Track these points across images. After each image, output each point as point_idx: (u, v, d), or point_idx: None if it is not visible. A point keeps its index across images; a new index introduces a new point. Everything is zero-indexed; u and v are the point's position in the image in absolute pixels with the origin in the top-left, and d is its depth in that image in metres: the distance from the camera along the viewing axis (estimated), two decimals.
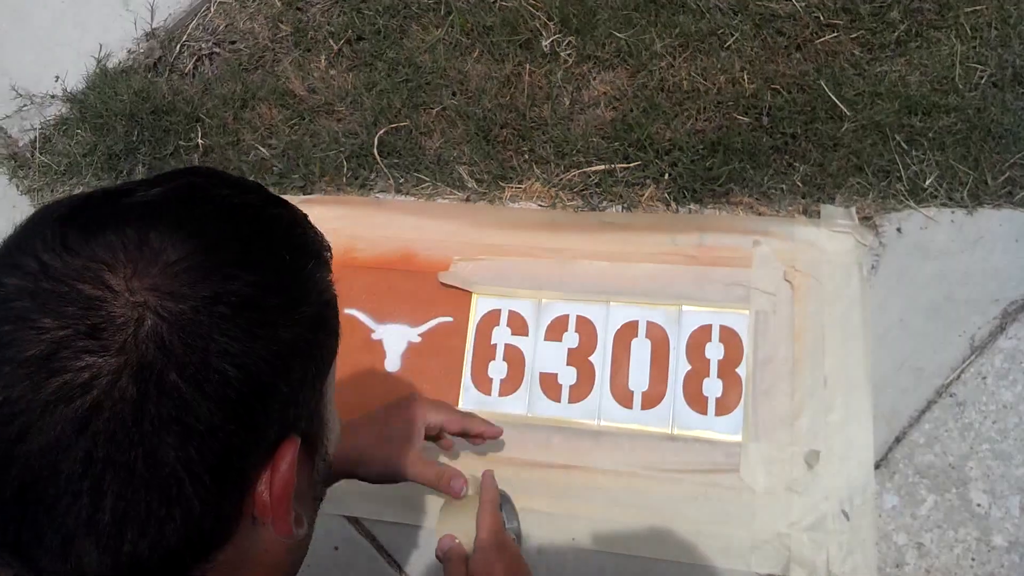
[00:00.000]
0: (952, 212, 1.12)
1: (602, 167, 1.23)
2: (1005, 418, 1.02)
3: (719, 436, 1.08)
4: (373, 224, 1.29)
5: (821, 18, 1.23)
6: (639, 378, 1.13)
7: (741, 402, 1.08)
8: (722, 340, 1.12)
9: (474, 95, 1.31)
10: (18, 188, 1.50)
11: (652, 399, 1.11)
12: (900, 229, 1.13)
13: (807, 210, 1.16)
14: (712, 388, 1.10)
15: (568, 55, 1.29)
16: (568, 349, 1.16)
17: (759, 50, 1.24)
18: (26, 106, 1.55)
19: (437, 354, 1.20)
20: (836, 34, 1.22)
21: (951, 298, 1.08)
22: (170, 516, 0.38)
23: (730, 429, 1.08)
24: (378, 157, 1.32)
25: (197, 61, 1.49)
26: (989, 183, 1.11)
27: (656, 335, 1.14)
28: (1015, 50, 1.16)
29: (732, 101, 1.22)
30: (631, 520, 1.07)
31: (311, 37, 1.43)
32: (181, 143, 1.42)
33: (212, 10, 1.52)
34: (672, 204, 1.21)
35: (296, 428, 0.45)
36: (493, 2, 1.36)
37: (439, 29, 1.36)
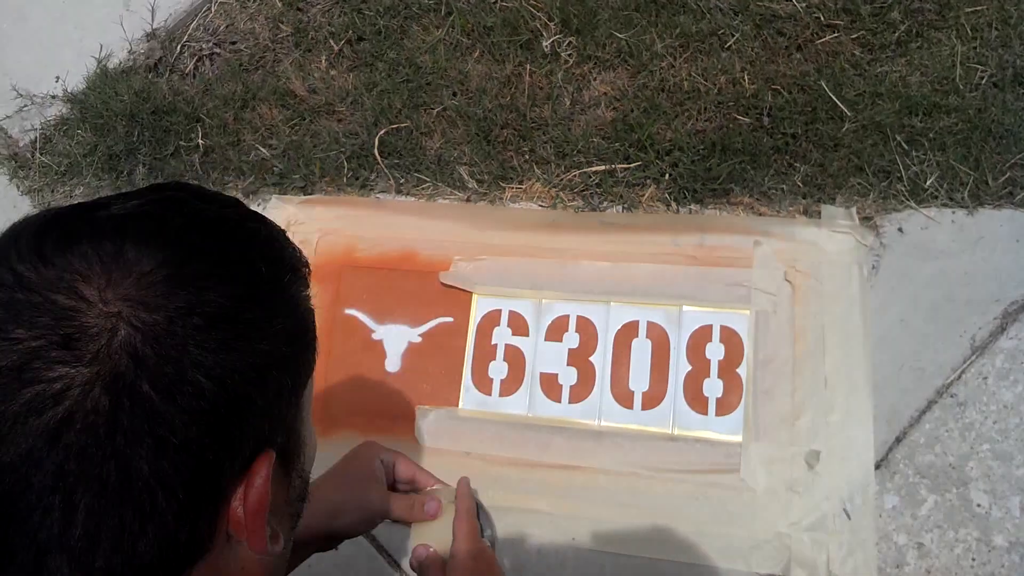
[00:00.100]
0: (953, 212, 1.12)
1: (603, 167, 1.23)
2: (1006, 418, 1.02)
3: (719, 436, 1.08)
4: (374, 224, 1.29)
5: (822, 18, 1.23)
6: (640, 378, 1.13)
7: (742, 402, 1.08)
8: (723, 340, 1.12)
9: (475, 95, 1.31)
10: (19, 188, 1.50)
11: (653, 399, 1.11)
12: (901, 229, 1.13)
13: (808, 210, 1.16)
14: (713, 388, 1.10)
15: (569, 55, 1.29)
16: (569, 349, 1.16)
17: (760, 50, 1.24)
18: (27, 106, 1.55)
19: (438, 354, 1.20)
20: (837, 34, 1.22)
21: (952, 298, 1.08)
22: (143, 531, 0.38)
23: (730, 429, 1.08)
24: (379, 157, 1.32)
25: (198, 61, 1.49)
26: (990, 183, 1.11)
27: (657, 335, 1.14)
28: (1015, 50, 1.16)
29: (733, 101, 1.22)
30: (631, 520, 1.07)
31: (312, 37, 1.43)
32: (182, 143, 1.42)
33: (213, 10, 1.53)
34: (673, 204, 1.21)
35: (271, 442, 0.44)
36: (494, 2, 1.36)
37: (440, 29, 1.37)
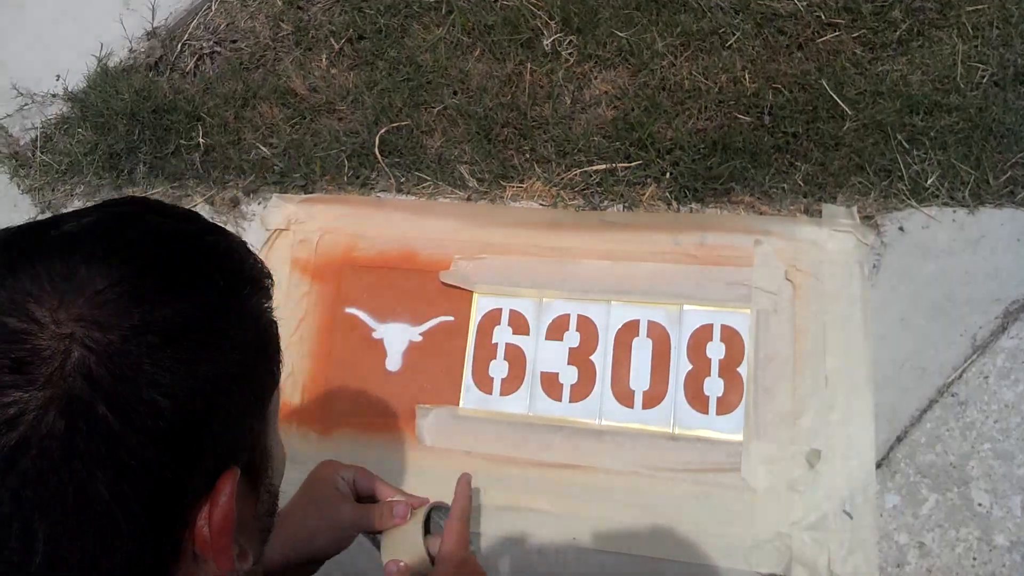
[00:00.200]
0: (954, 211, 1.12)
1: (603, 166, 1.23)
2: (1007, 417, 1.02)
3: (720, 435, 1.08)
4: (374, 223, 1.29)
5: (823, 17, 1.23)
6: (640, 377, 1.13)
7: (742, 401, 1.08)
8: (723, 339, 1.11)
9: (475, 94, 1.31)
10: (19, 187, 1.50)
11: (653, 398, 1.11)
12: (902, 228, 1.13)
13: (809, 209, 1.16)
14: (713, 387, 1.10)
15: (569, 54, 1.29)
16: (569, 348, 1.16)
17: (760, 49, 1.24)
18: (27, 105, 1.55)
19: (438, 353, 1.20)
20: (838, 33, 1.22)
21: (953, 297, 1.08)
22: (106, 555, 0.37)
23: (731, 428, 1.08)
24: (379, 156, 1.32)
25: (198, 60, 1.49)
26: (991, 182, 1.11)
27: (657, 334, 1.14)
28: (1017, 49, 1.16)
29: (733, 100, 1.22)
30: (632, 519, 1.07)
31: (312, 36, 1.43)
32: (182, 142, 1.42)
33: (213, 9, 1.52)
34: (673, 203, 1.21)
35: (236, 459, 0.43)
36: (494, 1, 1.36)
37: (440, 28, 1.36)
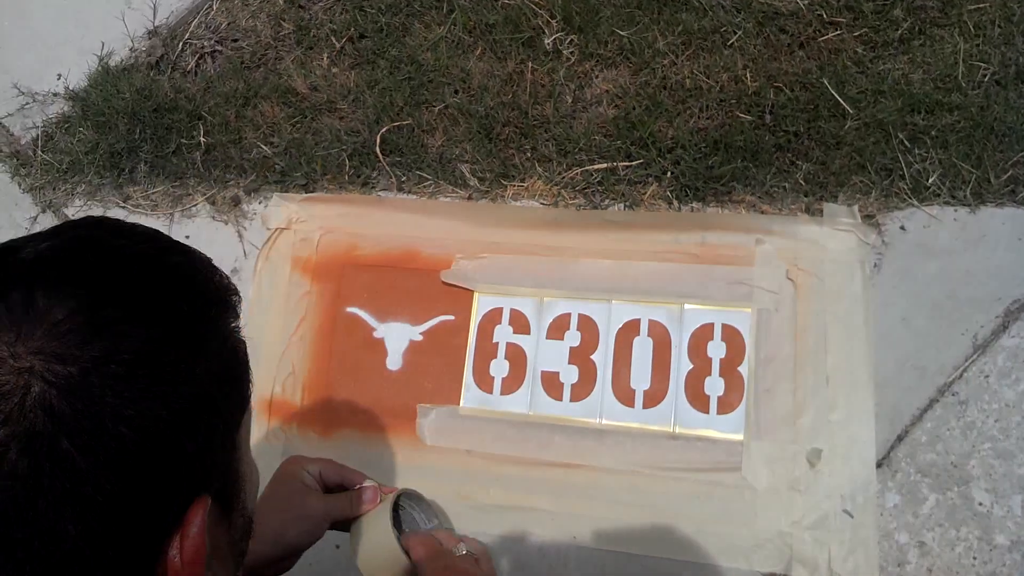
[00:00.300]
0: (955, 210, 1.12)
1: (604, 165, 1.23)
2: (1007, 417, 1.02)
3: (721, 435, 1.08)
4: (375, 222, 1.29)
5: (824, 16, 1.22)
6: (641, 377, 1.13)
7: (743, 401, 1.08)
8: (724, 338, 1.11)
9: (476, 93, 1.31)
10: (20, 186, 1.50)
11: (654, 398, 1.11)
12: (903, 227, 1.13)
13: (810, 208, 1.16)
14: (714, 386, 1.10)
15: (570, 53, 1.29)
16: (570, 347, 1.16)
17: (762, 48, 1.24)
18: (28, 104, 1.55)
19: (439, 353, 1.20)
20: (839, 32, 1.22)
21: (954, 296, 1.08)
22: None
23: (732, 428, 1.08)
24: (380, 155, 1.32)
25: (199, 59, 1.49)
26: (992, 181, 1.11)
27: (658, 333, 1.14)
28: (1018, 48, 1.16)
29: (735, 99, 1.22)
30: (633, 519, 1.07)
31: (313, 35, 1.43)
32: (183, 141, 1.42)
33: (214, 8, 1.52)
34: (674, 202, 1.21)
35: (206, 487, 0.43)
36: (495, 0, 1.36)
37: (441, 27, 1.36)
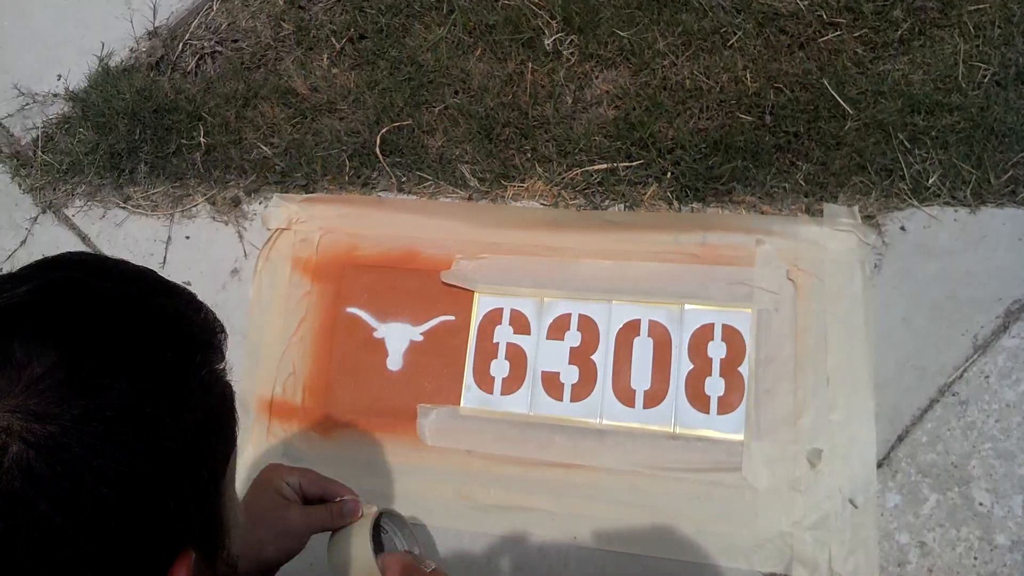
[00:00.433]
0: (955, 211, 1.12)
1: (604, 166, 1.23)
2: (1008, 417, 1.02)
3: (721, 435, 1.08)
4: (375, 223, 1.29)
5: (824, 16, 1.22)
6: (641, 377, 1.13)
7: (743, 401, 1.08)
8: (724, 339, 1.11)
9: (476, 94, 1.31)
10: (20, 187, 1.50)
11: (654, 398, 1.11)
12: (903, 228, 1.13)
13: (810, 209, 1.16)
14: (714, 387, 1.10)
15: (571, 54, 1.29)
16: (570, 348, 1.16)
17: (762, 49, 1.24)
18: (28, 105, 1.55)
19: (439, 353, 1.20)
20: (839, 32, 1.22)
21: (954, 297, 1.08)
22: None
23: (732, 428, 1.08)
24: (380, 156, 1.32)
25: (199, 60, 1.49)
26: (992, 182, 1.11)
27: (658, 334, 1.14)
28: (1018, 48, 1.16)
29: (735, 100, 1.22)
30: (633, 519, 1.07)
31: (313, 36, 1.43)
32: (183, 142, 1.42)
33: (214, 8, 1.52)
34: (675, 203, 1.21)
35: (190, 539, 0.42)
36: (495, 1, 1.36)
37: (441, 27, 1.36)
